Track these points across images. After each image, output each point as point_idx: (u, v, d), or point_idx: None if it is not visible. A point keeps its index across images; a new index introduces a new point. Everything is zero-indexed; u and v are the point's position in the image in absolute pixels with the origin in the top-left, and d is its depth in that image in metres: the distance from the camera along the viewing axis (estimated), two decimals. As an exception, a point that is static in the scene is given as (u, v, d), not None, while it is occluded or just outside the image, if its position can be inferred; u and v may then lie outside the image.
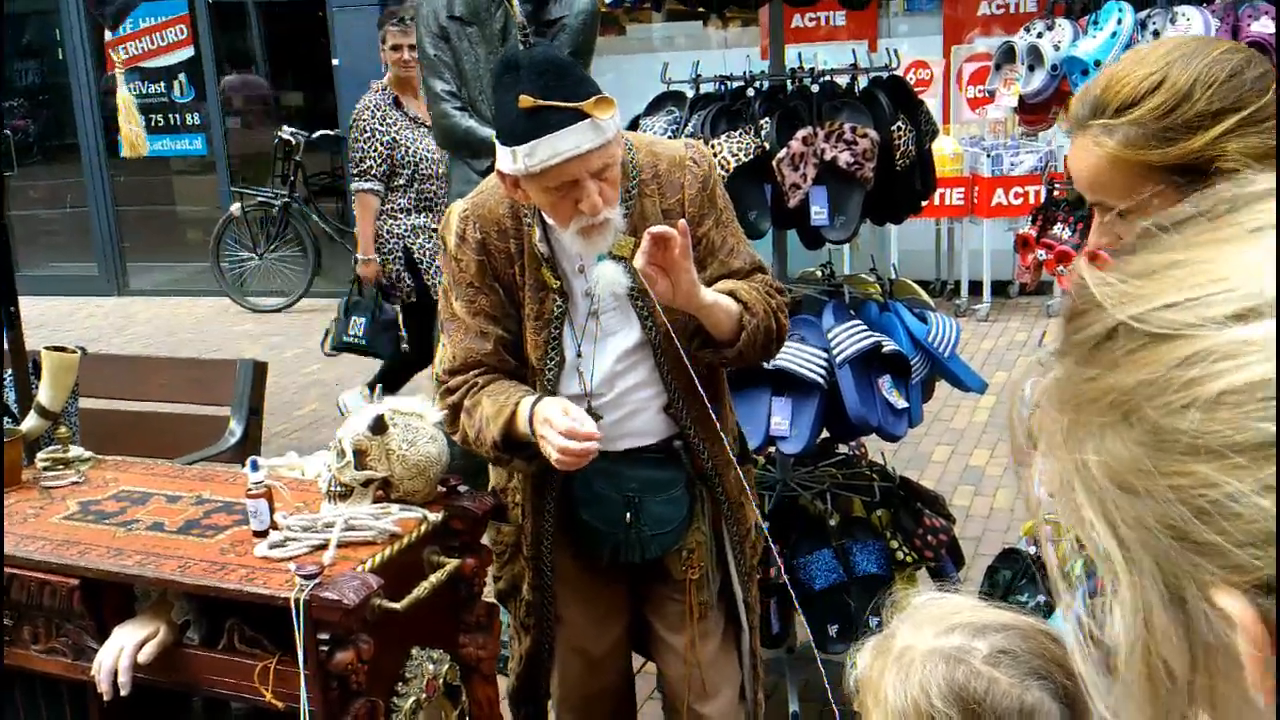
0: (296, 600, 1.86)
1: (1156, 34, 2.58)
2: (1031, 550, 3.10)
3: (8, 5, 9.85)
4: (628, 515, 2.32)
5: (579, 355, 2.25)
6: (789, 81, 3.13)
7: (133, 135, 3.10)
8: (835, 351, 2.96)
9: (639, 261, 2.02)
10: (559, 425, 2.03)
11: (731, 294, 2.21)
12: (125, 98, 2.92)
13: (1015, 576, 3.04)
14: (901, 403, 3.01)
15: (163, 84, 10.08)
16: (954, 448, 5.44)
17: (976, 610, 1.05)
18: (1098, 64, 2.61)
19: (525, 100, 1.98)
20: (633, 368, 2.28)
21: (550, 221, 2.17)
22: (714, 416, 2.34)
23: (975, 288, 7.82)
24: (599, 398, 2.27)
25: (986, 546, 4.19)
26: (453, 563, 2.17)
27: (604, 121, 2.01)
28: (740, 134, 2.95)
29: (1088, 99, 1.41)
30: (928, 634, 1.02)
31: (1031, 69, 2.78)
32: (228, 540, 2.12)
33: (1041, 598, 2.97)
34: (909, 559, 3.24)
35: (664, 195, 2.25)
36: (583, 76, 2.08)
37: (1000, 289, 7.78)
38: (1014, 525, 4.29)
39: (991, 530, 4.50)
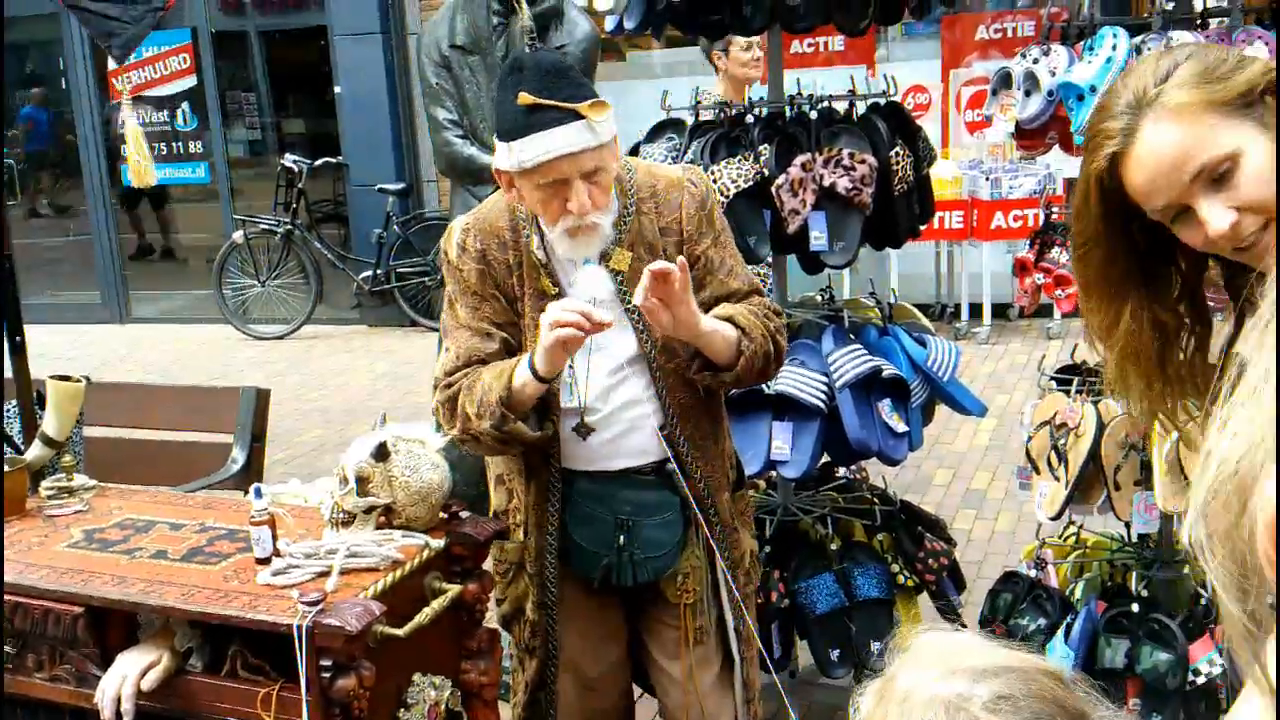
0: (299, 627, 1.86)
1: (1151, 60, 2.60)
2: (1032, 573, 3.11)
3: (12, 35, 9.93)
4: (620, 538, 2.33)
5: (571, 366, 2.26)
6: (788, 108, 3.16)
7: (140, 166, 3.12)
8: (835, 376, 2.97)
9: (638, 298, 2.07)
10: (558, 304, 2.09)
11: (729, 319, 2.25)
12: (135, 129, 2.94)
13: (1016, 600, 3.05)
14: (901, 426, 3.02)
15: (165, 113, 10.14)
16: (955, 471, 5.44)
17: (977, 651, 1.03)
18: (1093, 89, 2.63)
19: (524, 97, 2.07)
20: (628, 381, 2.30)
21: (547, 232, 2.22)
22: (710, 436, 2.36)
23: (975, 311, 7.84)
24: (593, 413, 2.29)
25: (988, 570, 4.19)
26: (454, 589, 2.17)
27: (598, 126, 2.09)
28: (739, 160, 2.98)
29: (1124, 101, 1.39)
30: (929, 678, 1.00)
31: (1028, 94, 2.81)
32: (231, 568, 2.13)
33: (1042, 621, 2.97)
34: (910, 583, 3.25)
35: (661, 214, 2.30)
36: (582, 82, 2.15)
37: (1000, 312, 7.80)
38: (1015, 549, 4.29)
39: (993, 554, 4.50)
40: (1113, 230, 1.45)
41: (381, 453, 2.15)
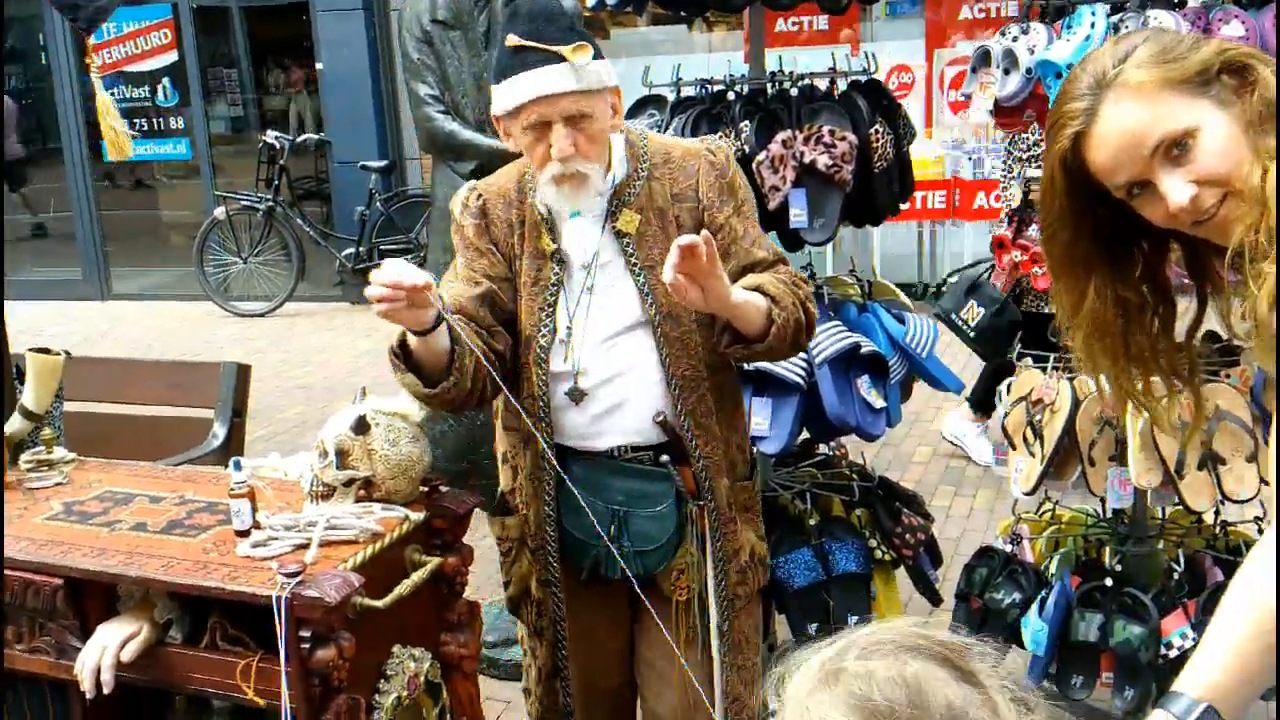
0: (278, 598, 1.87)
1: (1128, 38, 2.61)
2: (1008, 548, 3.14)
3: (-9, 9, 9.86)
4: (610, 529, 2.25)
5: (569, 326, 2.22)
6: (769, 85, 3.17)
7: (117, 138, 3.08)
8: (814, 352, 2.99)
9: (666, 275, 2.00)
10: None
11: (758, 289, 2.18)
12: (104, 100, 2.90)
13: (991, 574, 3.08)
14: (880, 402, 3.04)
15: (146, 88, 10.08)
16: (934, 448, 5.48)
17: (837, 639, 1.03)
18: (1071, 67, 2.65)
19: (511, 39, 2.09)
20: (627, 348, 2.23)
21: (539, 182, 2.20)
22: (714, 414, 2.28)
23: (957, 290, 7.86)
24: (588, 377, 2.23)
25: (966, 546, 4.23)
26: (434, 561, 2.18)
27: (583, 70, 2.08)
28: (720, 137, 2.98)
29: (1085, 83, 1.44)
30: (805, 680, 0.99)
31: (1007, 72, 2.82)
32: (210, 540, 2.13)
33: (1017, 595, 3.00)
34: (887, 557, 3.28)
35: (675, 180, 2.26)
36: (571, 26, 2.12)
37: (982, 291, 7.82)
38: (993, 525, 4.33)
39: (971, 530, 4.54)
40: (1077, 211, 1.49)
41: (361, 426, 2.16)
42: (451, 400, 2.17)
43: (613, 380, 2.24)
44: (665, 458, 2.26)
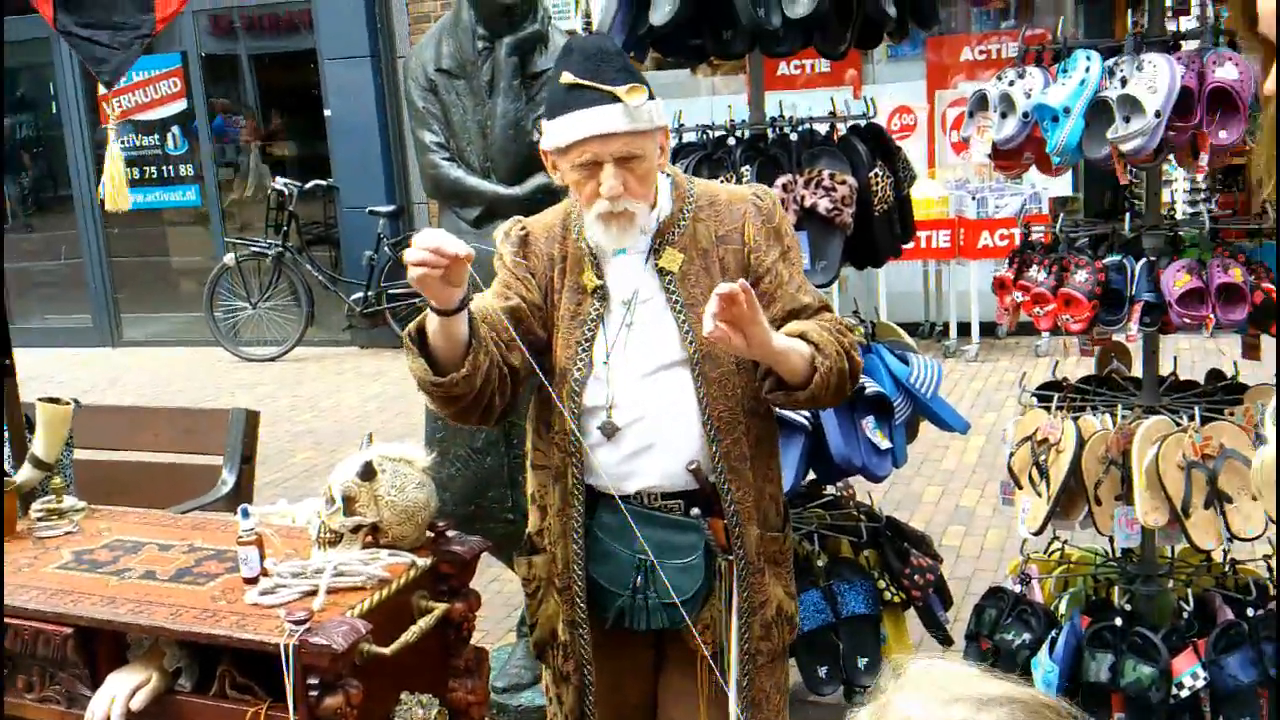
0: (286, 646, 1.88)
1: (1124, 81, 2.64)
2: (1017, 589, 3.14)
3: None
4: (637, 579, 2.20)
5: (606, 362, 2.20)
6: (769, 130, 3.20)
7: (115, 191, 3.10)
8: (819, 394, 3.00)
9: (706, 325, 1.99)
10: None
11: (802, 335, 2.15)
12: (114, 154, 2.94)
13: (1001, 615, 3.07)
14: (885, 443, 3.05)
15: (156, 136, 10.18)
16: (944, 488, 5.47)
17: (978, 681, 1.01)
18: (1067, 110, 2.67)
19: (566, 77, 2.10)
20: (664, 385, 2.20)
21: (586, 219, 2.20)
22: (749, 459, 2.24)
23: (963, 329, 7.88)
24: (621, 410, 2.20)
25: (977, 586, 4.21)
26: (441, 607, 2.19)
27: (636, 111, 2.08)
28: (720, 181, 3.01)
29: None
30: (930, 705, 0.98)
31: (1004, 116, 2.85)
32: (219, 588, 2.15)
33: (1027, 635, 3.00)
34: (897, 599, 3.27)
35: (721, 222, 2.25)
36: (625, 67, 2.14)
37: (988, 329, 7.84)
38: (1004, 565, 4.32)
39: (982, 570, 4.52)
40: None
41: (368, 472, 2.17)
42: (459, 397, 2.11)
43: (647, 418, 2.20)
44: (696, 510, 2.23)
